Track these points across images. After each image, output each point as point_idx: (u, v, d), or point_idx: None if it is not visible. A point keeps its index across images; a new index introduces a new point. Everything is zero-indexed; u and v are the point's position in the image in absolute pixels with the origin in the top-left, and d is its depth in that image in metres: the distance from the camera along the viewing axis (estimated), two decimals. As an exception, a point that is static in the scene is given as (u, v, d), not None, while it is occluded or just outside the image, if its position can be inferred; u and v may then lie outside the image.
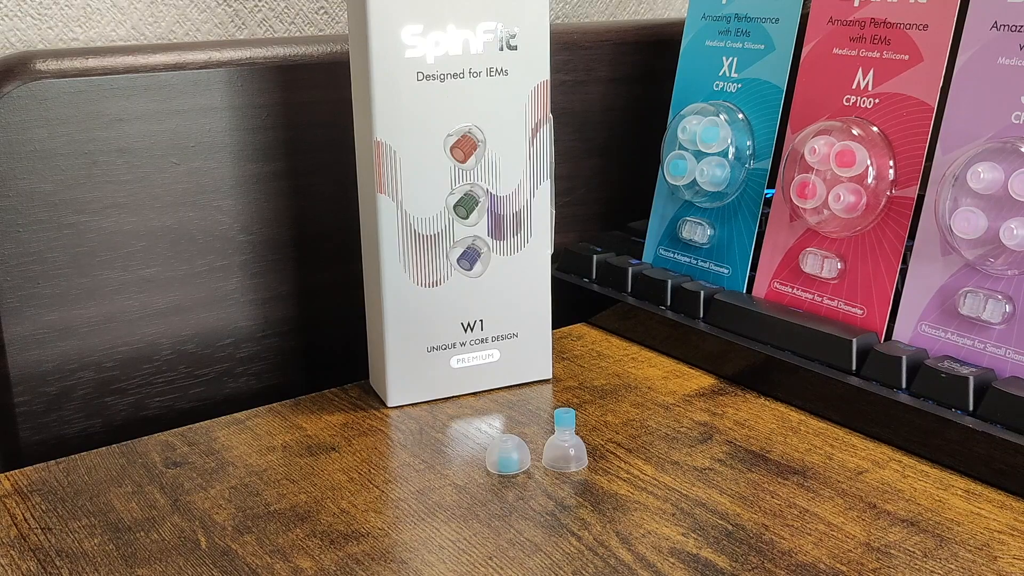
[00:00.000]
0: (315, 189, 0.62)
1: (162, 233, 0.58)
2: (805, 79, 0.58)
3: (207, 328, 0.60)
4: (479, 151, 0.53)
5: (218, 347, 0.61)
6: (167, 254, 0.58)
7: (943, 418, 0.47)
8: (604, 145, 0.75)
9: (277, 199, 0.61)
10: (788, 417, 0.53)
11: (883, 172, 0.54)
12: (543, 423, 0.53)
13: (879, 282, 0.54)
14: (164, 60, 0.57)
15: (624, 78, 0.74)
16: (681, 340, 0.60)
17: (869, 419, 0.51)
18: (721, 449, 0.50)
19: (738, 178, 0.61)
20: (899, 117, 0.54)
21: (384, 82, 0.50)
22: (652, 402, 0.55)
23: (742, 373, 0.57)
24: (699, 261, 0.64)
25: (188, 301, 0.59)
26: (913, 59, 0.53)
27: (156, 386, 0.59)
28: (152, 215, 0.57)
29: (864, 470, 0.47)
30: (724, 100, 0.63)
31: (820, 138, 0.56)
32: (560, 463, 0.48)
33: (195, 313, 0.60)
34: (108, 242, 0.56)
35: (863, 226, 0.55)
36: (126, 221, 0.57)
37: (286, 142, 0.61)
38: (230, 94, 0.58)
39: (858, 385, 0.51)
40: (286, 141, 0.61)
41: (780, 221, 0.59)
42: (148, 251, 0.58)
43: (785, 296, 0.59)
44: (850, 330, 0.53)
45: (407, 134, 0.51)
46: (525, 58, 0.53)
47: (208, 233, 0.59)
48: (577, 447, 0.48)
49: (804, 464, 0.48)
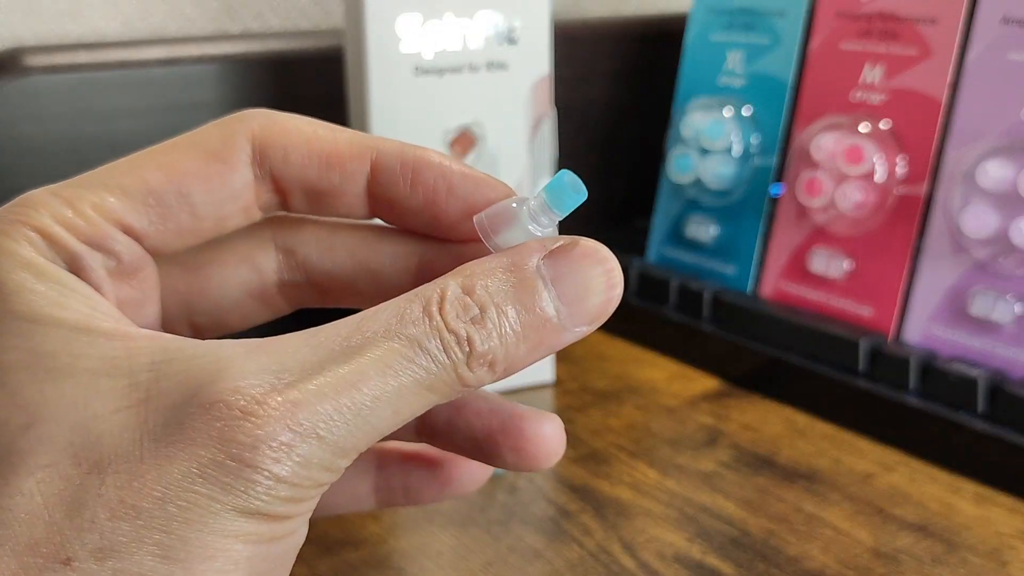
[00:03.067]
0: (311, 187, 0.62)
1: (154, 232, 0.58)
2: (812, 74, 0.59)
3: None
4: (478, 148, 0.53)
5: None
6: (159, 253, 0.58)
7: (953, 421, 0.48)
8: (606, 141, 0.75)
9: (272, 197, 0.61)
10: (795, 420, 0.53)
11: (892, 169, 0.54)
12: (544, 426, 0.53)
13: (888, 282, 0.54)
14: (156, 55, 0.57)
15: (627, 73, 0.75)
16: (685, 341, 0.60)
17: (877, 422, 0.51)
18: (726, 453, 0.50)
19: (743, 175, 0.61)
20: (908, 113, 0.54)
21: (380, 77, 0.50)
22: (656, 405, 0.55)
23: (748, 375, 0.57)
24: (703, 260, 0.64)
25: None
26: (922, 54, 0.53)
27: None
28: (144, 213, 0.57)
29: (872, 474, 0.48)
30: (729, 95, 0.63)
31: (827, 134, 0.56)
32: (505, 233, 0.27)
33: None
34: (99, 241, 0.56)
35: (872, 224, 0.55)
36: (117, 220, 0.57)
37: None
38: (223, 90, 0.58)
39: (866, 387, 0.51)
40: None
41: (787, 219, 0.59)
42: (140, 250, 0.58)
43: (792, 296, 0.59)
44: (858, 331, 0.54)
45: (404, 130, 0.51)
46: (525, 52, 0.53)
47: (201, 232, 0.59)
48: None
49: (811, 468, 0.48)
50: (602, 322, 0.26)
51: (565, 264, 0.26)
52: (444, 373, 0.24)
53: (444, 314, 0.24)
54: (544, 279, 0.25)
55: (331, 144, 0.29)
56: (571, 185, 0.26)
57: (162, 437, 0.22)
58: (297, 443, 0.22)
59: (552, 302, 0.25)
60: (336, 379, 0.23)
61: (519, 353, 0.25)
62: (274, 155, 0.28)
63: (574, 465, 0.49)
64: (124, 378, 0.23)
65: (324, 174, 0.28)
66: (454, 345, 0.24)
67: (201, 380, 0.23)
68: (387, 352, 0.24)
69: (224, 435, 0.22)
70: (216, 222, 0.28)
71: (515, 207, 0.27)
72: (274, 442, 0.22)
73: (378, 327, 0.24)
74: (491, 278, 0.25)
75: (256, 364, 0.23)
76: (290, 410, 0.22)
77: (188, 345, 0.24)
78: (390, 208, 0.29)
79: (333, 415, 0.23)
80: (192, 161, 0.27)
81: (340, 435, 0.23)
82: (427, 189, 0.28)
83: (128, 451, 0.22)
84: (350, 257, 0.30)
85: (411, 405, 0.24)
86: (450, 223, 0.29)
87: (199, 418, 0.22)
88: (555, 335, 0.26)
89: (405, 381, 0.24)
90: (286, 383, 0.23)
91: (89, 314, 0.24)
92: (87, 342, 0.24)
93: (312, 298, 0.31)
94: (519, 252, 0.26)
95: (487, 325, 0.24)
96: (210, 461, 0.22)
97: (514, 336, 0.25)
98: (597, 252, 0.26)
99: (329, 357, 0.23)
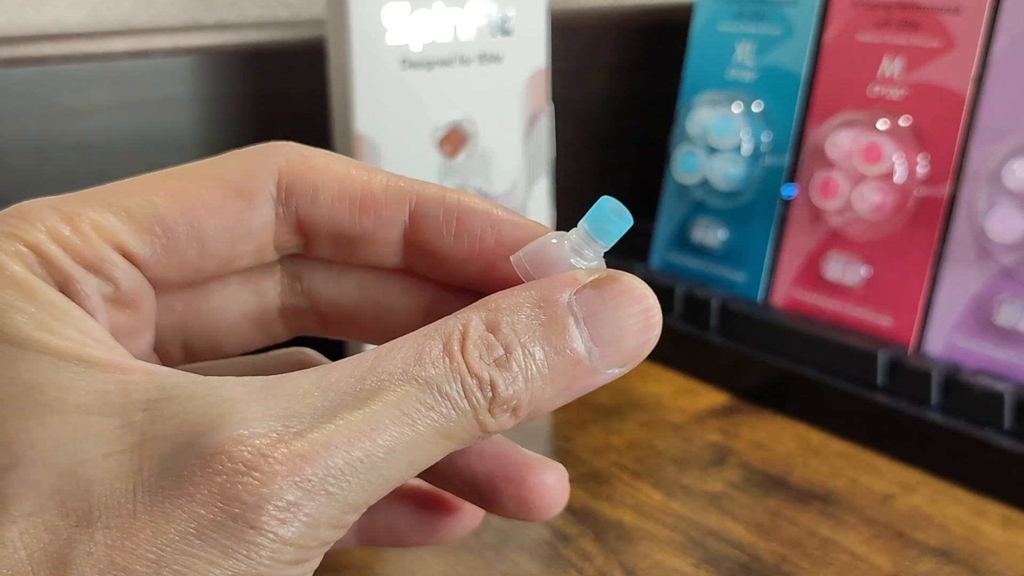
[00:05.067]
0: (291, 187, 0.62)
1: (123, 236, 0.58)
2: (827, 67, 0.59)
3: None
4: (470, 146, 0.53)
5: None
6: (128, 259, 0.58)
7: (978, 438, 0.48)
8: (607, 139, 0.75)
9: (249, 198, 0.61)
10: (808, 437, 0.53)
11: (912, 169, 0.54)
12: (541, 445, 0.53)
13: (908, 289, 0.54)
14: (125, 47, 0.57)
15: (629, 65, 0.75)
16: (691, 353, 0.60)
17: (897, 439, 0.51)
18: (735, 473, 0.50)
19: (754, 176, 0.62)
20: (930, 109, 0.54)
21: (365, 70, 0.50)
22: (660, 421, 0.55)
23: (758, 389, 0.57)
24: (711, 266, 0.64)
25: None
26: (945, 45, 0.53)
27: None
28: (112, 216, 0.57)
29: (891, 495, 0.48)
30: (738, 90, 0.63)
31: (843, 132, 0.56)
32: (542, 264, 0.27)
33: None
34: (63, 246, 0.56)
35: (891, 228, 0.55)
36: (83, 223, 0.56)
37: (258, 136, 0.61)
38: (197, 84, 0.58)
39: (885, 402, 0.51)
40: (258, 135, 0.61)
41: (800, 223, 0.59)
42: (107, 256, 0.58)
43: (805, 305, 0.59)
44: (876, 342, 0.54)
45: (391, 127, 0.51)
46: (520, 44, 0.53)
47: (173, 236, 0.59)
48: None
49: (826, 489, 0.48)
50: (636, 365, 0.26)
51: (599, 301, 0.25)
52: (464, 420, 0.24)
53: (466, 354, 0.24)
54: (576, 317, 0.25)
55: (366, 186, 0.28)
56: (614, 212, 0.26)
57: (157, 490, 0.22)
58: (305, 502, 0.22)
59: (584, 343, 0.25)
60: (348, 428, 0.23)
61: (545, 397, 0.25)
62: (302, 194, 0.28)
63: (572, 486, 0.48)
64: (117, 417, 0.23)
65: (357, 218, 0.28)
66: (476, 390, 0.24)
67: (201, 426, 0.22)
68: (404, 397, 0.23)
69: (226, 492, 0.22)
70: (224, 261, 0.28)
71: (555, 242, 0.26)
72: (280, 501, 0.22)
73: (394, 368, 0.23)
74: (518, 314, 0.25)
75: (262, 409, 0.23)
76: (298, 464, 0.22)
77: (187, 383, 0.23)
78: (429, 258, 0.29)
79: (344, 469, 0.22)
80: (209, 192, 0.27)
81: (351, 490, 0.23)
82: (473, 239, 0.28)
83: (120, 503, 0.22)
84: (358, 289, 0.30)
85: (428, 454, 0.24)
86: (501, 277, 0.28)
87: (199, 470, 0.22)
88: (585, 378, 0.25)
89: (422, 429, 0.23)
90: (294, 432, 0.22)
91: (81, 341, 0.24)
92: (78, 374, 0.23)
93: (314, 326, 0.31)
94: (549, 286, 0.25)
95: (512, 367, 0.24)
96: (210, 521, 0.21)
97: (541, 379, 0.24)
98: (635, 289, 0.26)
99: (341, 402, 0.23)
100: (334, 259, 0.29)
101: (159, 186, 0.27)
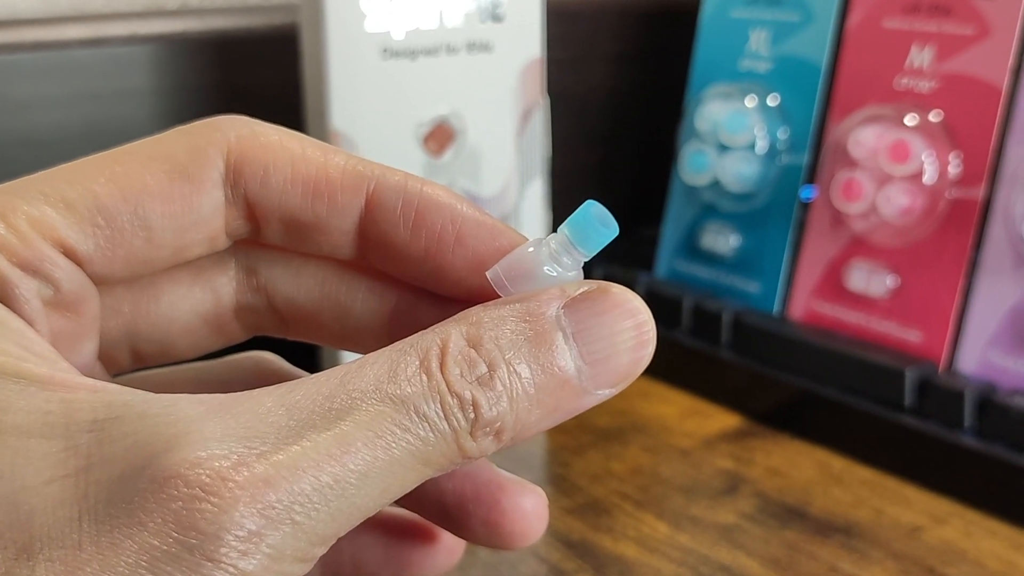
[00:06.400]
0: (260, 189, 0.62)
1: (75, 242, 0.58)
2: (850, 57, 0.59)
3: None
4: (457, 143, 0.53)
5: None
6: (81, 267, 0.58)
7: (1015, 465, 0.48)
8: (608, 136, 0.75)
9: (214, 201, 0.61)
10: (829, 464, 0.53)
11: (943, 169, 0.54)
12: (533, 471, 0.53)
13: (939, 301, 0.54)
14: (79, 34, 0.57)
15: (632, 55, 0.75)
16: (700, 371, 0.60)
17: (927, 466, 0.51)
18: (749, 503, 0.50)
19: (769, 176, 0.62)
20: (963, 103, 0.54)
21: (342, 60, 0.50)
22: (666, 446, 0.55)
23: (774, 411, 0.57)
24: (722, 276, 0.64)
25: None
26: (979, 33, 0.53)
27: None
28: (63, 220, 0.57)
29: (921, 527, 0.48)
30: (752, 82, 0.63)
31: (868, 128, 0.56)
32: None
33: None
34: (10, 253, 0.56)
35: (920, 233, 0.55)
36: (31, 227, 0.56)
37: (225, 132, 0.61)
38: (158, 75, 0.58)
39: (913, 425, 0.51)
40: (225, 131, 0.61)
41: (820, 228, 0.59)
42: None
43: (826, 318, 0.59)
44: (904, 359, 0.54)
45: (370, 123, 0.51)
46: (513, 31, 0.53)
47: (131, 242, 0.59)
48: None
49: (849, 520, 0.48)
50: (628, 385, 0.26)
51: (590, 315, 0.25)
52: (443, 443, 0.23)
53: (446, 371, 0.24)
54: (564, 332, 0.25)
55: (321, 168, 0.28)
56: (599, 218, 0.26)
57: (105, 518, 0.22)
58: (268, 531, 0.22)
59: (573, 360, 0.25)
60: (316, 450, 0.22)
61: (531, 419, 0.24)
62: (251, 175, 0.27)
63: (570, 517, 0.49)
64: (60, 440, 0.22)
65: (309, 204, 0.28)
66: (457, 410, 0.23)
67: (154, 447, 0.22)
68: (377, 417, 0.23)
69: (181, 520, 0.21)
70: (174, 251, 0.27)
71: (532, 251, 0.26)
72: (241, 531, 0.21)
73: (366, 385, 0.23)
74: (502, 328, 0.24)
75: (221, 429, 0.22)
76: (261, 490, 0.22)
77: (137, 400, 0.23)
78: (383, 252, 0.28)
79: (312, 495, 0.22)
80: (153, 176, 0.26)
81: (319, 519, 0.22)
82: (431, 235, 0.28)
83: (64, 533, 0.22)
84: (318, 287, 0.30)
85: (402, 481, 0.23)
86: (455, 278, 0.28)
87: (151, 497, 0.21)
88: (574, 399, 0.25)
89: (397, 453, 0.23)
90: (257, 454, 0.22)
91: (20, 356, 0.23)
92: (17, 392, 0.23)
93: (272, 326, 0.31)
94: (536, 299, 0.25)
95: (496, 386, 0.24)
96: (163, 553, 0.21)
97: (527, 400, 0.24)
98: (627, 302, 0.25)
99: (308, 422, 0.23)
100: (286, 247, 0.29)
101: (98, 172, 0.26)
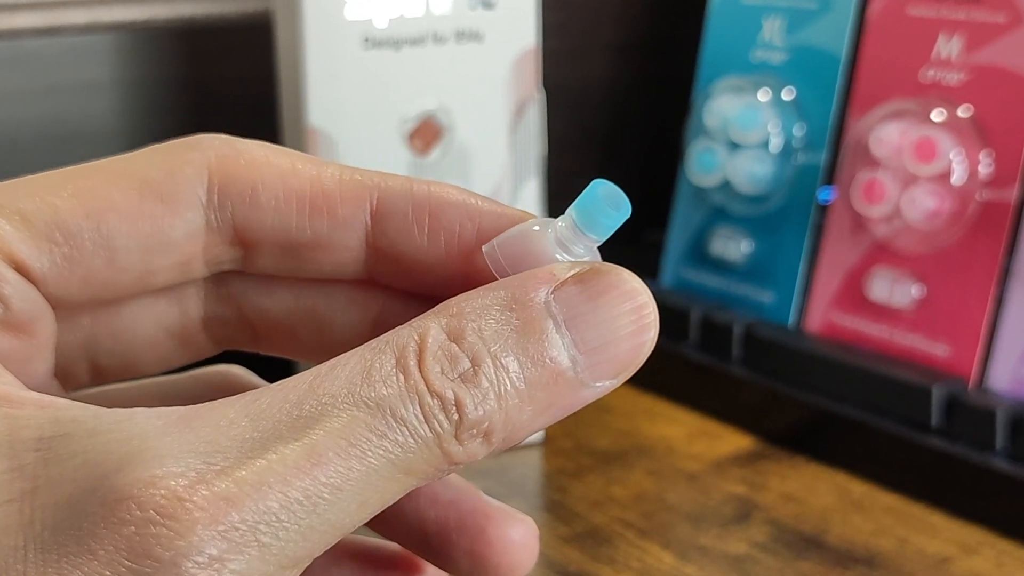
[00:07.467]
0: (231, 190, 0.62)
1: (29, 248, 0.58)
2: (872, 47, 0.59)
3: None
4: (445, 140, 0.53)
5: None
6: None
7: (1052, 490, 0.47)
8: (608, 133, 0.75)
9: (181, 203, 0.61)
10: (849, 489, 0.53)
11: (973, 169, 0.54)
12: (528, 497, 0.52)
13: (968, 312, 0.54)
14: (33, 22, 0.57)
15: (635, 45, 0.75)
16: (709, 389, 0.60)
17: (955, 491, 0.51)
18: (762, 531, 0.50)
19: (784, 176, 0.62)
20: (994, 97, 0.54)
21: (320, 51, 0.50)
22: (672, 470, 0.55)
23: (789, 432, 0.57)
24: (733, 285, 0.64)
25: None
26: (1011, 21, 0.53)
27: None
28: (16, 224, 0.57)
29: (949, 558, 0.47)
30: (766, 74, 0.63)
31: (891, 124, 0.56)
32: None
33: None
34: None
35: (947, 239, 0.55)
36: (-18, 232, 0.56)
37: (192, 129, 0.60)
38: (119, 67, 0.58)
39: (941, 447, 0.51)
40: (192, 127, 0.60)
41: (839, 233, 0.59)
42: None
43: (845, 331, 0.59)
44: (931, 375, 0.53)
45: (350, 119, 0.51)
46: (505, 19, 0.53)
47: (90, 248, 0.59)
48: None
49: (870, 550, 0.48)
50: (630, 375, 0.26)
51: (583, 299, 0.25)
52: (425, 449, 0.23)
53: (424, 369, 0.23)
54: (555, 319, 0.24)
55: (316, 181, 0.27)
56: (607, 199, 0.25)
57: (53, 547, 0.21)
58: (231, 556, 0.21)
59: (567, 350, 0.24)
60: (284, 463, 0.22)
61: (522, 418, 0.24)
62: (238, 195, 0.27)
63: (567, 546, 0.48)
64: (4, 460, 0.22)
65: (306, 221, 0.27)
66: (438, 412, 0.23)
67: (105, 466, 0.22)
68: (351, 424, 0.22)
69: (134, 547, 0.21)
70: (140, 276, 0.27)
71: (537, 231, 0.26)
72: (201, 556, 0.21)
73: (338, 389, 0.23)
74: (486, 318, 0.24)
75: (178, 444, 0.22)
76: (223, 509, 0.21)
77: (87, 416, 0.23)
78: (396, 266, 0.28)
79: (280, 514, 0.22)
80: (122, 193, 0.26)
81: (288, 540, 0.22)
82: (450, 236, 0.27)
83: (8, 564, 0.21)
84: (294, 298, 0.29)
85: (382, 493, 0.23)
86: (480, 280, 0.27)
87: (102, 521, 0.21)
88: (570, 393, 0.25)
89: (375, 463, 0.22)
90: (217, 470, 0.21)
91: None
92: None
93: (243, 339, 0.30)
94: (521, 283, 0.25)
95: (481, 383, 0.23)
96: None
97: (517, 396, 0.24)
98: (624, 283, 0.25)
99: (274, 432, 0.22)
100: (281, 273, 0.29)
101: (61, 186, 0.26)
